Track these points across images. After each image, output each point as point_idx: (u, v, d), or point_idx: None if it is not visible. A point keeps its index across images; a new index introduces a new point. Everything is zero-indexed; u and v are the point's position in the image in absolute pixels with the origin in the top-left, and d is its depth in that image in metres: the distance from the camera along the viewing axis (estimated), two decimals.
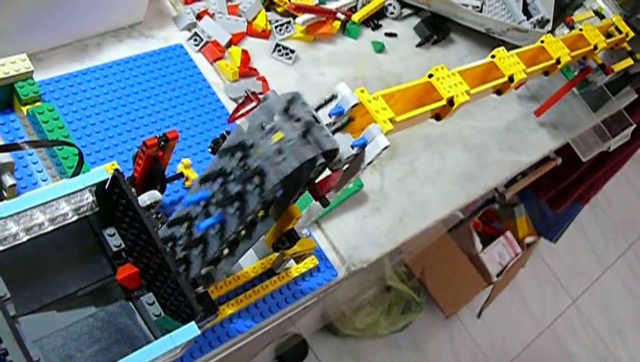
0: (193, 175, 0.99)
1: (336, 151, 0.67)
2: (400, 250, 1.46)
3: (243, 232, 0.74)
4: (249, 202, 0.64)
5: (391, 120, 0.78)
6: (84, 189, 0.76)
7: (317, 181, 0.71)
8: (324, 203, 0.71)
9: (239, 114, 1.09)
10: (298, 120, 0.64)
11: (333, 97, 0.73)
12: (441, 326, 2.93)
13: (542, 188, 2.83)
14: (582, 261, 3.61)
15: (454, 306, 2.91)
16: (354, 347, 2.66)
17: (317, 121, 0.64)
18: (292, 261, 0.99)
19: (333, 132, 0.70)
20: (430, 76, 0.89)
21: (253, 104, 1.02)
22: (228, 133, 0.74)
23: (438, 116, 0.91)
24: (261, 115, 0.63)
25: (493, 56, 1.02)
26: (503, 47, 1.03)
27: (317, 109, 0.73)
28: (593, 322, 3.41)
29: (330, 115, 0.74)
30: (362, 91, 0.78)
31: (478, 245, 2.87)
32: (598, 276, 3.61)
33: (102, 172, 0.77)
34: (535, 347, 3.14)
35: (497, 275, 2.92)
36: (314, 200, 0.74)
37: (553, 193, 2.85)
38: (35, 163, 0.94)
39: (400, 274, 2.73)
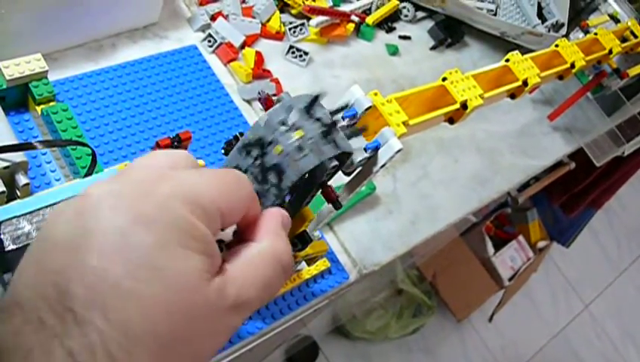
0: None
1: (350, 153, 0.67)
2: (412, 253, 1.46)
3: None
4: (265, 201, 0.63)
5: (404, 123, 0.77)
6: None
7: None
8: (337, 205, 0.71)
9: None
10: (318, 119, 0.64)
11: (346, 106, 0.73)
12: (453, 330, 2.93)
13: (555, 192, 2.82)
14: (595, 266, 3.59)
15: (466, 310, 2.90)
16: (364, 350, 2.66)
17: (334, 123, 0.64)
18: (304, 263, 0.99)
19: (348, 136, 0.70)
20: (444, 79, 0.89)
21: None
22: (241, 134, 0.74)
23: (451, 120, 0.91)
24: (282, 111, 0.63)
25: (507, 60, 1.01)
26: (517, 51, 1.03)
27: (332, 114, 0.73)
28: (605, 327, 3.40)
29: (343, 118, 0.73)
30: (376, 94, 0.78)
31: (490, 249, 2.86)
32: (611, 281, 3.60)
33: (114, 172, 0.77)
34: (547, 352, 3.13)
35: (509, 279, 2.91)
36: (326, 203, 0.73)
37: (566, 198, 2.84)
38: (48, 162, 0.95)
39: (412, 278, 2.72)
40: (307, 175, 0.62)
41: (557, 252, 3.33)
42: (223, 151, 0.82)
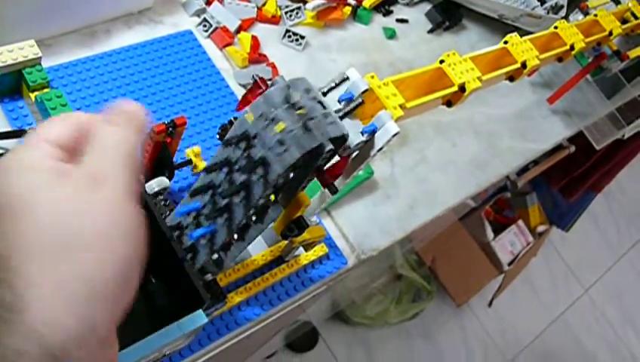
0: (201, 163, 0.98)
1: (344, 137, 0.66)
2: (410, 238, 1.46)
3: (254, 218, 0.74)
4: (254, 192, 0.63)
5: (401, 106, 0.76)
6: None
7: (325, 168, 0.70)
8: (333, 190, 0.71)
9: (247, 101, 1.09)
10: (300, 108, 0.63)
11: (343, 80, 0.72)
12: (452, 314, 2.93)
13: (554, 176, 2.81)
14: (594, 250, 3.59)
15: (465, 295, 2.90)
16: (364, 335, 2.66)
17: (323, 106, 0.63)
18: (301, 248, 0.99)
19: (342, 117, 0.69)
20: (441, 62, 0.88)
21: (262, 90, 1.01)
22: (236, 119, 0.73)
23: (449, 102, 0.90)
24: (262, 104, 0.63)
25: (505, 42, 1.00)
26: (515, 33, 1.02)
27: (326, 93, 0.72)
28: (605, 311, 3.40)
29: (339, 101, 0.73)
30: (372, 77, 0.77)
31: (490, 233, 2.86)
32: (610, 265, 3.60)
33: None
34: (546, 336, 3.14)
35: (509, 264, 2.91)
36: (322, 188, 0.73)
37: (566, 181, 2.84)
38: None
39: (410, 263, 2.72)
40: (299, 162, 0.61)
41: (557, 236, 3.33)
42: (217, 136, 0.81)
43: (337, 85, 0.70)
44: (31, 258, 0.40)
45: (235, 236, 0.74)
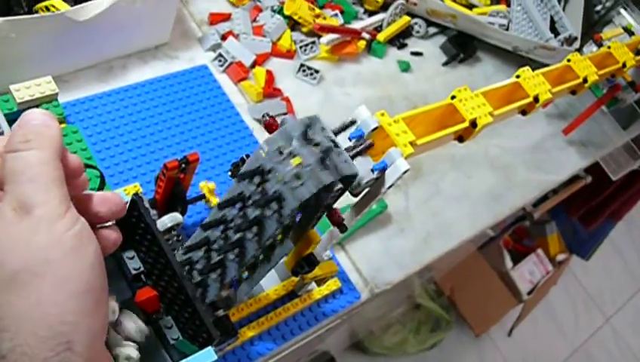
0: (215, 200, 0.99)
1: (354, 176, 0.66)
2: (429, 267, 1.45)
3: (261, 256, 0.74)
4: (267, 227, 0.63)
5: (412, 143, 0.77)
6: None
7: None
8: (342, 229, 0.71)
9: None
10: (317, 144, 0.63)
11: (352, 122, 0.72)
12: (471, 344, 2.90)
13: (573, 205, 2.80)
14: (616, 279, 3.55)
15: (484, 324, 2.88)
16: None
17: (336, 145, 0.64)
18: (314, 283, 0.99)
19: (353, 156, 0.69)
20: (453, 98, 0.88)
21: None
22: (247, 156, 0.74)
23: (461, 138, 0.90)
24: (279, 139, 0.63)
25: (517, 77, 1.01)
26: (527, 67, 1.02)
27: (337, 133, 0.73)
28: (628, 341, 3.36)
29: (350, 139, 0.73)
30: (382, 114, 0.77)
31: (509, 263, 2.84)
32: (632, 294, 3.56)
33: (122, 195, 0.77)
34: None
35: (528, 293, 2.89)
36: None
37: (585, 210, 2.82)
38: None
39: (429, 292, 2.71)
40: (311, 200, 0.62)
41: (577, 265, 3.30)
42: (229, 173, 0.82)
43: (346, 128, 0.70)
44: None
45: (246, 272, 0.75)
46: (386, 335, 2.57)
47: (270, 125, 0.68)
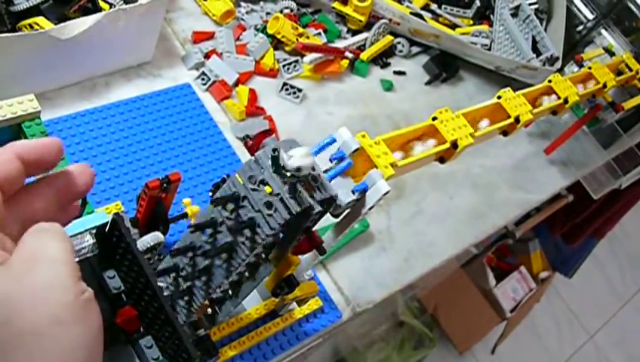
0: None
1: (333, 198, 0.66)
2: (412, 285, 1.45)
3: (246, 274, 0.74)
4: (238, 253, 0.63)
5: (392, 165, 0.77)
6: (84, 232, 0.76)
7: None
8: (322, 251, 0.71)
9: None
10: (287, 171, 0.63)
11: (330, 143, 0.73)
12: None
13: (556, 223, 2.80)
14: (599, 296, 3.56)
15: (468, 342, 2.88)
16: None
17: (313, 168, 0.64)
18: (294, 303, 0.99)
19: (332, 178, 0.70)
20: (434, 119, 0.89)
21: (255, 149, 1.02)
22: (228, 176, 0.74)
23: (442, 159, 0.90)
24: (251, 167, 0.63)
25: (499, 97, 1.02)
26: (509, 88, 1.03)
27: (316, 153, 0.73)
28: (610, 358, 3.36)
29: (331, 160, 0.74)
30: (363, 136, 0.78)
31: (492, 280, 2.85)
32: (615, 311, 3.57)
33: (102, 215, 0.77)
34: None
35: (511, 311, 2.89)
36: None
37: (567, 228, 2.83)
38: None
39: (412, 310, 2.70)
40: (289, 224, 0.62)
41: (560, 282, 3.31)
42: (210, 193, 0.82)
43: (325, 147, 0.71)
44: None
45: (213, 298, 0.75)
46: (369, 352, 2.57)
47: (251, 147, 0.68)
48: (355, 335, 2.46)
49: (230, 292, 0.76)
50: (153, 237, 0.84)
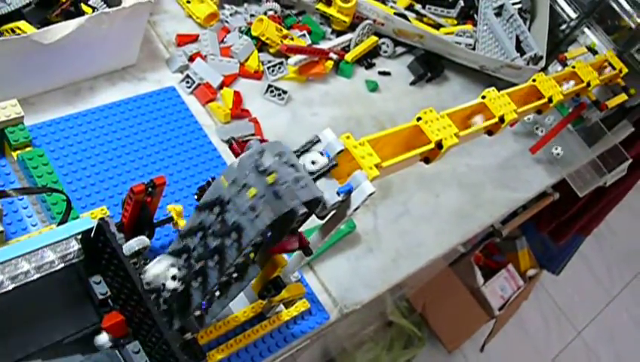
0: (182, 222, 0.99)
1: (318, 199, 0.66)
2: (400, 285, 1.46)
3: (234, 275, 0.74)
4: (228, 255, 0.63)
5: (377, 166, 0.77)
6: (69, 238, 0.76)
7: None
8: (308, 252, 0.71)
9: None
10: (271, 173, 0.63)
11: (314, 143, 0.72)
12: (444, 360, 2.91)
13: (542, 221, 2.82)
14: (586, 292, 3.58)
15: (456, 341, 2.88)
16: None
17: (297, 170, 0.64)
18: (282, 305, 0.99)
19: (316, 179, 0.69)
20: (419, 119, 0.89)
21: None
22: (213, 179, 0.74)
23: (427, 159, 0.91)
24: (235, 170, 0.64)
25: (483, 97, 1.02)
26: (493, 88, 1.03)
27: (300, 154, 0.73)
28: (599, 353, 3.38)
29: (313, 162, 0.73)
30: (348, 137, 0.78)
31: (480, 279, 2.85)
32: (602, 307, 3.59)
33: (87, 220, 0.77)
34: None
35: (499, 309, 2.90)
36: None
37: (554, 226, 2.84)
38: (25, 208, 0.94)
39: (401, 309, 2.71)
40: (275, 225, 0.62)
41: (548, 279, 3.32)
42: (195, 196, 0.82)
43: (308, 148, 0.70)
44: None
45: (208, 298, 0.75)
46: (358, 352, 2.57)
47: (235, 150, 0.68)
48: (343, 336, 2.46)
49: (218, 293, 0.76)
50: (139, 242, 0.84)
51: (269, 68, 1.32)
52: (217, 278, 0.66)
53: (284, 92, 1.30)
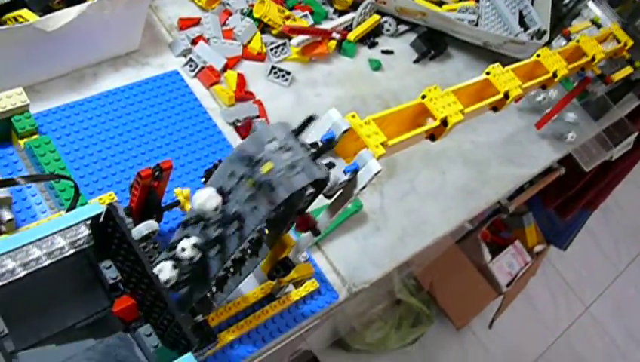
0: (190, 205, 0.99)
1: (326, 180, 0.67)
2: (408, 263, 1.47)
3: (249, 251, 0.74)
4: (254, 218, 0.64)
5: (383, 144, 0.78)
6: (79, 223, 0.76)
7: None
8: (316, 232, 0.71)
9: None
10: (289, 149, 0.64)
11: (308, 120, 0.71)
12: (453, 337, 2.92)
13: (549, 196, 2.82)
14: (594, 267, 3.58)
15: (465, 317, 2.90)
16: None
17: (295, 153, 0.64)
18: (291, 286, 0.99)
19: (314, 156, 0.68)
20: (423, 97, 0.89)
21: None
22: (220, 161, 0.74)
23: (432, 137, 0.91)
24: (231, 163, 0.64)
25: (487, 73, 1.02)
26: (498, 64, 1.03)
27: (297, 133, 0.72)
28: (607, 328, 3.39)
29: (321, 141, 0.74)
30: (353, 116, 0.78)
31: (487, 255, 2.86)
32: (610, 282, 3.59)
33: (96, 206, 0.77)
34: (549, 355, 3.12)
35: (507, 285, 2.91)
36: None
37: (560, 201, 2.84)
38: (33, 195, 0.95)
39: (409, 287, 2.72)
40: (285, 203, 0.62)
41: (555, 255, 3.33)
42: (202, 179, 0.82)
43: (304, 127, 0.69)
44: None
45: (214, 289, 0.75)
46: (367, 331, 2.58)
47: (239, 130, 0.68)
48: (352, 315, 2.47)
49: (232, 270, 0.77)
50: (148, 226, 0.84)
51: (271, 49, 1.32)
52: (219, 268, 0.67)
53: (288, 73, 1.29)
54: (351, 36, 1.43)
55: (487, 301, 2.91)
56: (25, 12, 1.01)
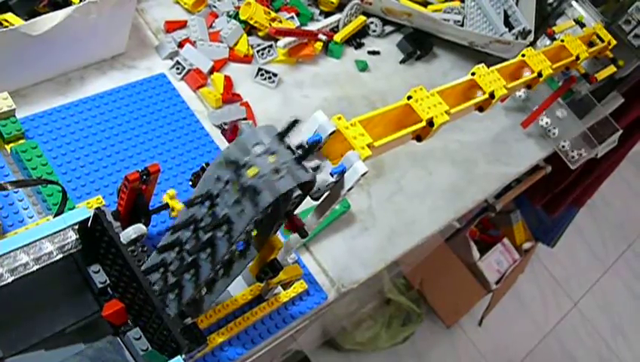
0: (178, 206, 0.99)
1: (312, 182, 0.67)
2: (397, 262, 1.47)
3: (237, 253, 0.75)
4: (240, 221, 0.64)
5: (369, 145, 0.78)
6: (66, 228, 0.76)
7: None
8: (303, 234, 0.72)
9: None
10: (274, 153, 0.64)
11: (293, 124, 0.71)
12: (443, 336, 2.93)
13: (536, 194, 2.82)
14: (581, 263, 3.60)
15: (455, 316, 2.91)
16: (356, 361, 2.66)
17: (280, 157, 0.64)
18: (279, 287, 1.00)
19: (298, 159, 0.68)
20: (409, 98, 0.90)
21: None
22: (207, 164, 0.74)
23: (419, 137, 0.91)
24: (217, 168, 0.64)
25: (473, 74, 1.02)
26: (483, 64, 1.03)
27: (282, 137, 0.72)
28: (596, 324, 3.41)
29: (307, 143, 0.74)
30: (339, 118, 0.78)
31: (476, 253, 2.87)
32: (598, 278, 3.61)
33: (84, 210, 0.77)
34: (538, 352, 3.14)
35: (496, 283, 2.92)
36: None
37: (548, 198, 2.85)
38: (20, 200, 0.95)
39: (399, 286, 2.72)
40: (272, 206, 0.63)
41: (543, 252, 3.34)
42: (190, 183, 0.83)
43: (288, 131, 0.69)
44: None
45: (203, 291, 0.75)
46: (357, 331, 2.58)
47: (226, 134, 0.69)
48: (342, 315, 2.48)
49: (221, 272, 0.77)
50: (136, 229, 0.84)
51: (258, 51, 1.32)
52: (210, 270, 0.67)
53: (275, 75, 1.30)
54: (337, 37, 1.43)
55: (477, 299, 2.92)
56: (10, 16, 1.01)
